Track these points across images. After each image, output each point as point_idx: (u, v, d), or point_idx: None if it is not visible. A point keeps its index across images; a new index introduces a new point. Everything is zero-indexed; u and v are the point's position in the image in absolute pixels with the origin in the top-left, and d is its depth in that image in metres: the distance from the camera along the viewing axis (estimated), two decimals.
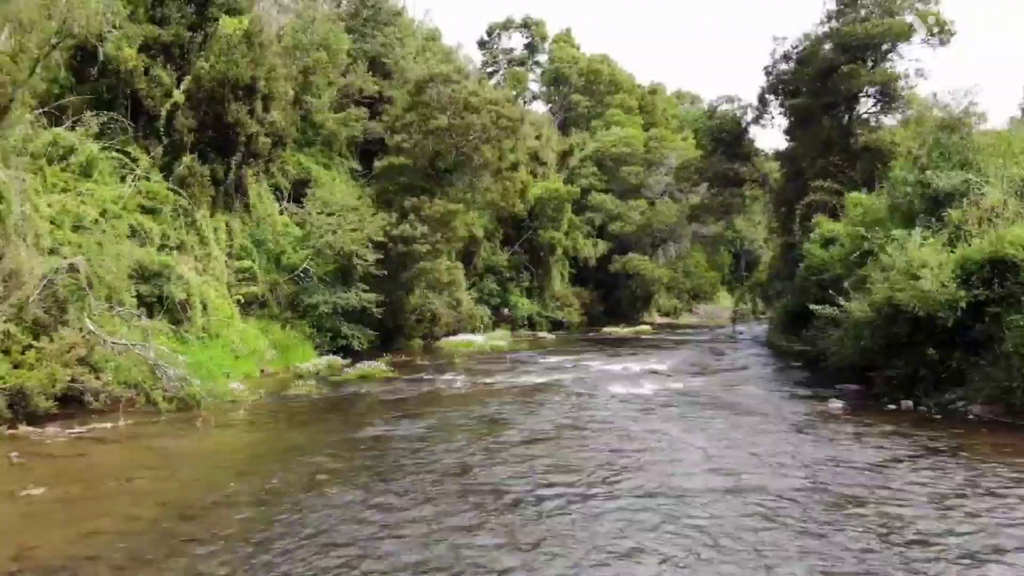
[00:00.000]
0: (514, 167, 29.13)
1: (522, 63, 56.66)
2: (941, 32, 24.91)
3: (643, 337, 32.67)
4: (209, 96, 18.71)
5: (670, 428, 10.71)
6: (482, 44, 57.45)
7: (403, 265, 22.92)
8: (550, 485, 7.67)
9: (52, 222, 14.00)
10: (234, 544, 5.94)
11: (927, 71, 32.97)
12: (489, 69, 55.33)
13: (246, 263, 19.57)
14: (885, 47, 24.96)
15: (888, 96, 24.70)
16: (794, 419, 11.49)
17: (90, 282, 12.56)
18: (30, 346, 11.60)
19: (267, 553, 5.71)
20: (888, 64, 25.37)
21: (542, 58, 56.63)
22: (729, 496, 7.19)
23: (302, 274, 21.10)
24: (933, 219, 14.35)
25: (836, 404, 12.47)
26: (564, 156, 44.67)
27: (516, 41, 57.62)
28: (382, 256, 21.67)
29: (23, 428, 10.56)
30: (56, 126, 16.02)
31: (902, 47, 25.29)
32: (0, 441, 9.65)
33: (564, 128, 51.31)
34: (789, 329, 20.94)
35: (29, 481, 7.65)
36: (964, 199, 14.01)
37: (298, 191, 24.36)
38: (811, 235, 20.89)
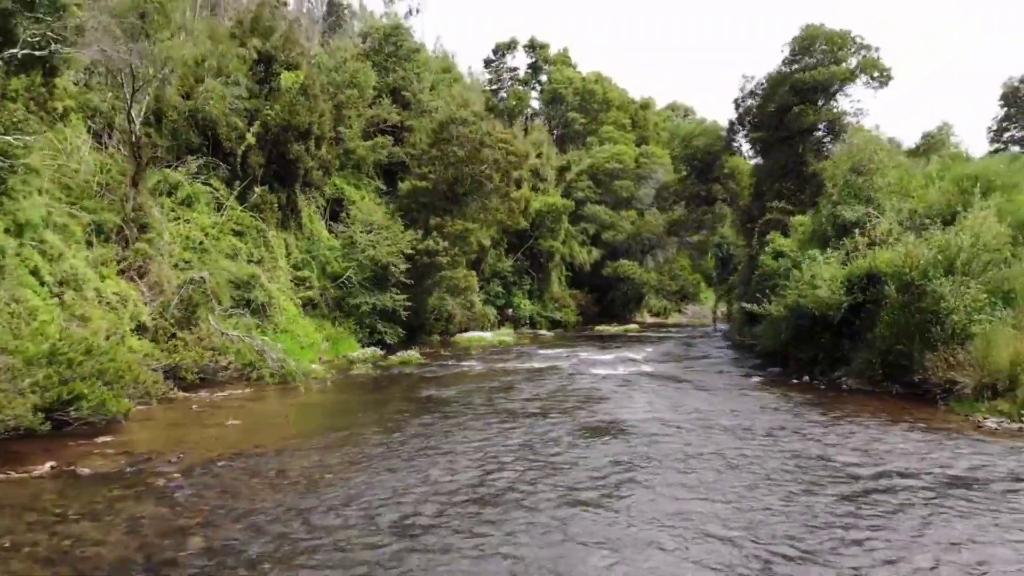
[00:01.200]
0: (518, 186, 33.73)
1: (525, 82, 61.23)
2: (881, 76, 29.57)
3: (630, 334, 37.25)
4: (275, 138, 23.27)
5: (629, 391, 15.32)
6: (488, 63, 61.98)
7: (427, 273, 27.45)
8: (545, 415, 12.25)
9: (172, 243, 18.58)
10: (360, 442, 10.46)
11: (866, 110, 37.64)
12: (494, 87, 59.96)
13: (305, 272, 24.12)
14: (833, 88, 29.59)
15: (834, 130, 29.30)
16: (721, 388, 16.09)
17: (212, 290, 17.11)
18: (174, 335, 16.17)
19: (383, 447, 10.22)
20: (835, 103, 30.05)
21: (543, 77, 61.27)
22: (655, 423, 11.73)
23: (346, 281, 25.63)
24: (841, 242, 18.91)
25: (755, 379, 17.08)
26: (562, 171, 49.28)
27: (520, 60, 62.36)
28: (410, 265, 26.22)
29: (180, 394, 15.09)
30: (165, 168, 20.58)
31: (848, 87, 30.01)
32: (172, 402, 14.14)
33: (562, 143, 55.88)
34: (745, 326, 25.51)
35: (222, 419, 12.21)
36: (862, 228, 18.57)
37: (333, 208, 28.99)
38: (766, 248, 25.46)
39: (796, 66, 29.42)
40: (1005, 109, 41.44)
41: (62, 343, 10.52)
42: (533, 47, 61.09)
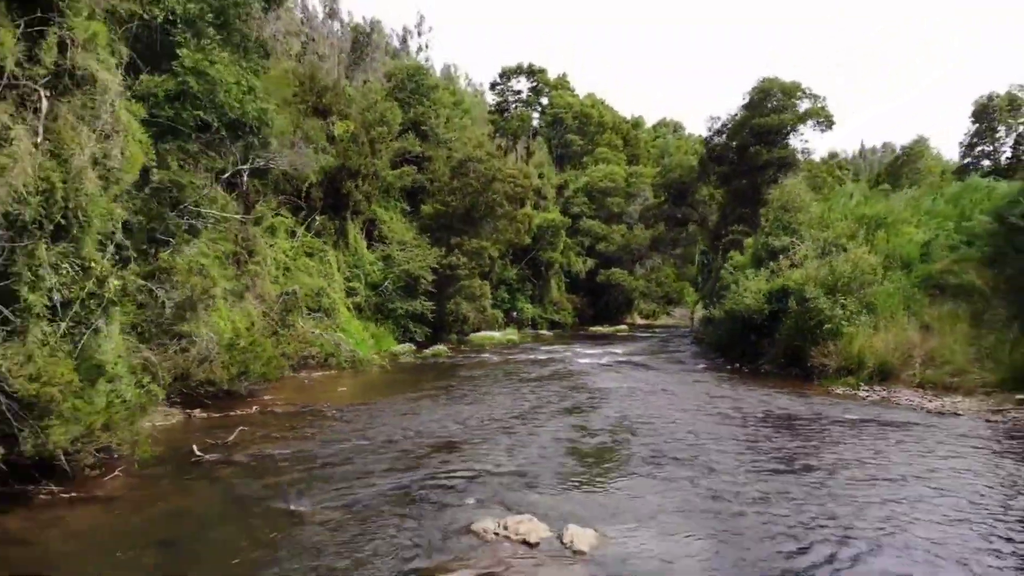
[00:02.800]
0: (522, 204, 39.73)
1: (528, 104, 67.30)
2: (825, 121, 35.67)
3: (619, 334, 43.28)
4: (331, 177, 29.28)
5: (606, 371, 21.35)
6: (493, 86, 68.05)
7: (448, 283, 33.46)
8: (546, 383, 18.27)
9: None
10: (429, 397, 16.46)
11: (813, 149, 43.70)
12: (501, 109, 66.00)
13: (353, 283, 30.15)
14: (785, 131, 35.67)
15: (786, 165, 35.35)
16: (673, 370, 22.13)
17: (300, 299, 23.11)
18: (276, 332, 22.16)
19: (444, 398, 16.19)
20: (789, 141, 36.13)
21: (544, 100, 67.35)
22: (618, 386, 17.73)
23: (383, 289, 31.62)
24: (770, 263, 24.91)
25: (701, 365, 23.10)
26: (560, 189, 55.36)
27: (523, 84, 68.40)
28: (435, 277, 32.22)
29: (289, 374, 21.05)
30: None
31: (799, 128, 36.10)
32: (288, 379, 20.03)
33: (561, 162, 62.05)
34: (706, 326, 31.55)
35: (332, 387, 18.22)
36: (786, 253, 24.58)
37: (368, 228, 35.01)
38: (727, 263, 31.48)
39: (757, 108, 35.48)
40: (976, 125, 46.30)
41: (237, 337, 16.52)
42: (533, 72, 67.11)
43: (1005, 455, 10.79)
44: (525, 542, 6.74)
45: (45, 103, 8.13)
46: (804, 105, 35.92)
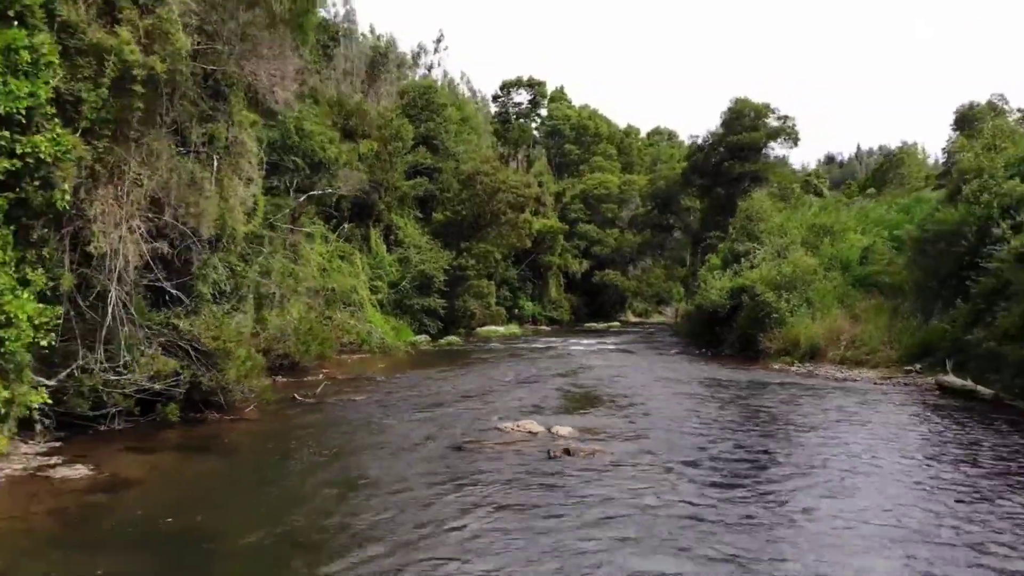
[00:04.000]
0: (522, 210, 44.20)
1: (528, 116, 71.80)
2: (792, 138, 40.15)
3: (611, 329, 47.72)
4: (358, 190, 33.67)
5: (594, 356, 25.78)
6: (495, 98, 72.65)
7: (458, 282, 37.90)
8: (540, 361, 22.68)
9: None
10: (454, 370, 20.87)
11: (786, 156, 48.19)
12: (502, 119, 70.51)
13: (376, 282, 34.57)
14: (757, 147, 40.14)
15: (757, 178, 39.80)
16: (649, 355, 26.56)
17: (338, 294, 27.53)
18: (321, 321, 26.56)
19: (466, 371, 20.60)
20: (761, 155, 40.60)
21: (542, 112, 71.88)
22: (605, 366, 22.14)
23: (401, 287, 36.02)
24: (736, 265, 29.31)
25: (672, 351, 27.54)
26: (558, 196, 59.82)
27: (523, 96, 72.91)
28: (446, 277, 36.64)
29: (333, 356, 25.42)
30: None
31: (771, 144, 40.59)
32: (331, 361, 24.38)
33: (559, 170, 66.51)
34: (682, 320, 36.00)
35: (372, 364, 22.65)
36: (748, 257, 28.98)
37: (385, 232, 39.44)
38: (706, 265, 35.91)
39: (729, 130, 39.96)
40: (957, 132, 50.05)
41: (300, 323, 20.94)
42: (532, 85, 71.59)
43: (871, 403, 15.16)
44: (529, 431, 11.15)
45: (216, 164, 12.57)
46: (774, 123, 40.40)
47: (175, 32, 9.23)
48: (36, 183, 8.83)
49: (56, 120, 8.92)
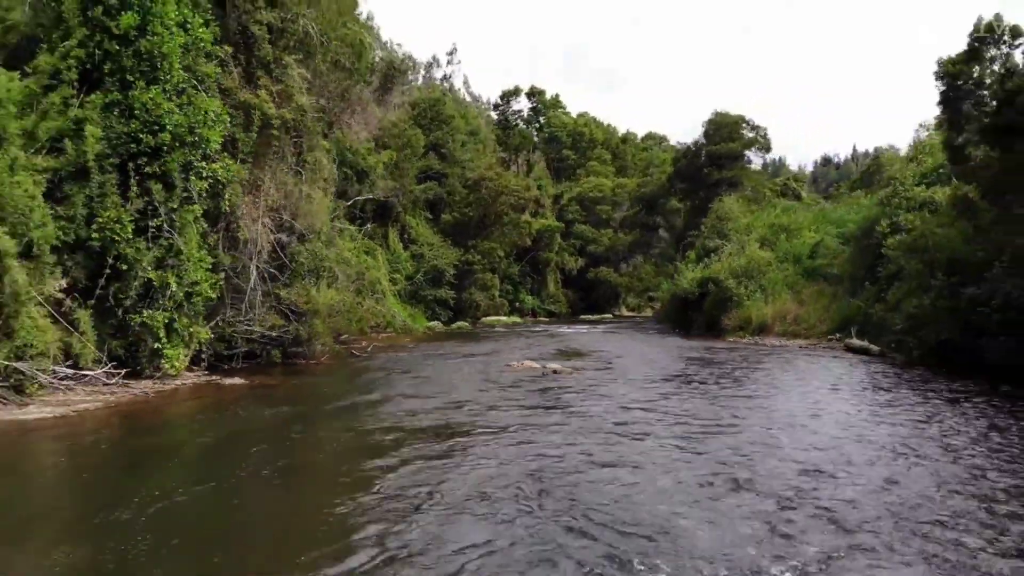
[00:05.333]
0: (522, 211, 49.05)
1: (528, 123, 76.64)
2: (765, 148, 44.98)
3: (604, 320, 52.52)
4: (390, 194, 38.48)
5: (585, 337, 30.62)
6: (496, 106, 77.48)
7: (465, 276, 42.73)
8: (540, 338, 27.49)
9: None
10: (470, 345, 25.66)
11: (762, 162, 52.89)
12: (503, 127, 75.30)
13: (395, 275, 39.39)
14: (734, 155, 44.96)
15: (733, 184, 44.61)
16: (631, 336, 31.38)
17: (368, 283, 32.33)
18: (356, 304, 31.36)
19: (478, 346, 25.38)
20: (738, 162, 45.42)
21: (541, 119, 76.72)
22: (592, 343, 26.95)
23: (416, 280, 40.84)
24: (705, 259, 34.11)
25: (651, 332, 32.37)
26: (556, 198, 64.65)
27: (523, 103, 77.75)
28: (455, 271, 41.45)
29: (367, 333, 30.21)
30: None
31: (746, 153, 45.42)
32: (364, 337, 29.18)
33: (558, 174, 71.34)
34: (664, 307, 40.82)
35: (402, 340, 27.45)
36: (716, 252, 33.78)
37: (400, 232, 44.25)
38: (684, 260, 40.71)
39: (709, 140, 44.78)
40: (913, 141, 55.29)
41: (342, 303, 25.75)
42: (533, 94, 76.43)
43: (791, 360, 19.95)
44: (530, 367, 15.99)
45: (305, 178, 17.40)
46: (748, 134, 45.22)
47: (298, 94, 14.06)
48: (210, 196, 13.69)
49: (225, 154, 13.78)
